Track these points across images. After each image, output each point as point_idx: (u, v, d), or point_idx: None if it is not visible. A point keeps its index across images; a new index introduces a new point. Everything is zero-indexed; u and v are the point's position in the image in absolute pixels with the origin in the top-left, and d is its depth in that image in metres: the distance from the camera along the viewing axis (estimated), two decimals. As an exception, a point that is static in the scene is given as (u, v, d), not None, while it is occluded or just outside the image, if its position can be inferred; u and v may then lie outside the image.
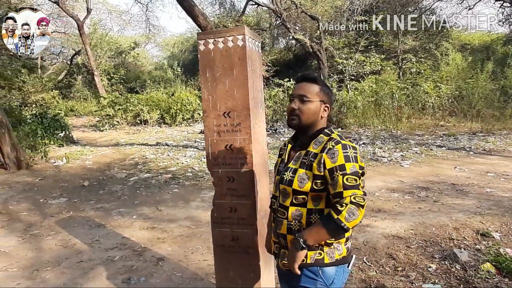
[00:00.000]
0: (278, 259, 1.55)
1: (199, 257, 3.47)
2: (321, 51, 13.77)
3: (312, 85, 1.49)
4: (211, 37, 2.10)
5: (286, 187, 1.46)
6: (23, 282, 3.07)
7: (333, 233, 1.33)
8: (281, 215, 1.50)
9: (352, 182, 1.32)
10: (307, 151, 1.45)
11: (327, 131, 1.48)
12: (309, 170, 1.40)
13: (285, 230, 1.48)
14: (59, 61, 27.29)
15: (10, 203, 5.52)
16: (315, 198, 1.41)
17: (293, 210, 1.45)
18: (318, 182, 1.38)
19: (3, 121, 7.31)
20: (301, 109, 1.46)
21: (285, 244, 1.49)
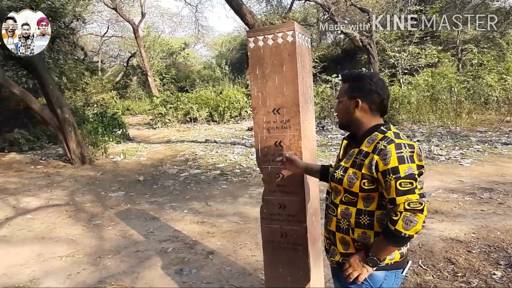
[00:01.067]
0: (328, 255, 1.53)
1: (247, 253, 3.52)
2: (372, 44, 13.24)
3: (343, 84, 1.51)
4: (261, 34, 2.11)
5: (337, 185, 1.43)
6: (88, 268, 3.33)
7: (398, 244, 1.29)
8: (331, 212, 1.49)
9: (407, 186, 1.25)
10: (360, 149, 1.40)
11: (384, 128, 1.40)
12: (359, 170, 1.35)
13: (334, 227, 1.46)
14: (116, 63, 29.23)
15: (76, 195, 6.02)
16: (366, 198, 1.37)
17: (342, 208, 1.42)
18: (365, 182, 1.34)
19: (70, 120, 7.98)
20: (336, 110, 1.53)
21: (334, 241, 1.47)
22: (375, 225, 1.36)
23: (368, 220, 1.36)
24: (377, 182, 1.32)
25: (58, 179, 7.09)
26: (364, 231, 1.37)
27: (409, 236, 1.24)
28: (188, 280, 3.00)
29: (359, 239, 1.38)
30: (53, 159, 8.69)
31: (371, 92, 1.43)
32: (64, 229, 4.43)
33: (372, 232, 1.36)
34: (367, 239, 1.37)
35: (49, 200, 5.74)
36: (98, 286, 2.98)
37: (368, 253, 1.33)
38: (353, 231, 1.39)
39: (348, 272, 1.35)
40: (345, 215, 1.41)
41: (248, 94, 15.13)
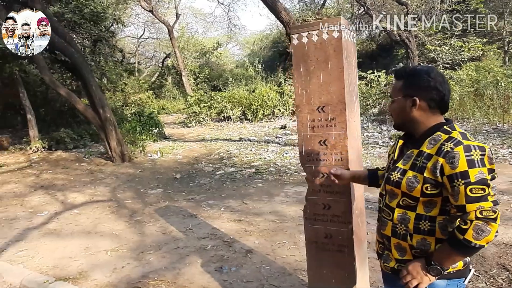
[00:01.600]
0: (381, 260, 1.46)
1: (286, 252, 3.49)
2: (410, 38, 12.71)
3: (397, 81, 1.40)
4: (305, 30, 2.06)
5: (393, 188, 1.35)
6: (132, 262, 3.45)
7: (465, 254, 1.21)
8: (386, 216, 1.40)
9: (478, 193, 1.15)
10: (420, 150, 1.30)
11: (447, 127, 1.29)
12: (420, 173, 1.26)
13: (389, 232, 1.38)
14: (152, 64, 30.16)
15: (118, 191, 6.26)
16: (428, 203, 1.27)
17: (399, 212, 1.33)
18: (428, 187, 1.24)
19: (111, 119, 8.31)
20: (390, 109, 1.44)
21: (389, 246, 1.39)
22: (437, 231, 1.27)
23: (429, 226, 1.27)
24: (441, 187, 1.23)
25: (101, 176, 7.41)
26: (423, 237, 1.28)
27: (479, 247, 1.16)
28: (228, 278, 3.02)
29: (418, 246, 1.29)
30: (95, 156, 9.10)
31: (429, 88, 1.31)
32: (108, 224, 4.62)
33: (433, 238, 1.27)
34: (427, 246, 1.28)
35: (93, 196, 6.01)
36: (142, 281, 3.07)
37: (430, 261, 1.24)
38: (411, 237, 1.30)
39: (407, 280, 1.27)
40: (402, 220, 1.32)
41: (281, 92, 15.06)
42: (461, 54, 13.25)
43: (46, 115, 12.34)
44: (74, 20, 9.79)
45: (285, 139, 10.01)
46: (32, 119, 9.97)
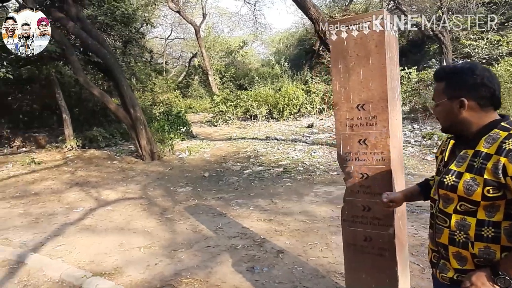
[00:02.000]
0: (436, 269, 1.36)
1: (318, 253, 3.41)
2: (444, 33, 12.19)
3: (438, 83, 1.32)
4: (344, 25, 1.98)
5: (448, 193, 1.25)
6: (164, 260, 3.49)
7: None
8: (441, 222, 1.29)
9: None
10: (476, 150, 1.20)
11: (505, 124, 1.19)
12: (479, 175, 1.16)
13: (446, 240, 1.27)
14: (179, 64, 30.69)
15: (148, 189, 6.39)
16: (489, 207, 1.17)
17: (457, 218, 1.23)
18: (490, 189, 1.14)
19: (141, 118, 8.51)
20: (435, 113, 1.37)
21: (446, 255, 1.29)
22: (502, 238, 1.16)
23: (493, 233, 1.17)
24: (504, 189, 1.13)
25: (132, 174, 7.59)
26: (487, 245, 1.18)
27: None
28: (260, 279, 2.99)
29: (481, 255, 1.19)
30: (126, 155, 9.35)
31: (476, 86, 1.22)
32: (140, 221, 4.71)
33: (498, 246, 1.17)
34: (492, 255, 1.17)
35: (125, 193, 6.16)
36: (175, 278, 3.09)
37: (497, 271, 1.14)
38: (472, 245, 1.20)
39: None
40: (461, 227, 1.22)
41: (307, 91, 14.88)
42: (498, 49, 12.56)
43: (80, 114, 12.82)
44: (106, 22, 10.10)
45: (313, 138, 9.88)
46: (67, 118, 10.38)
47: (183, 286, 2.97)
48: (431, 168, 6.37)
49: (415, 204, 4.43)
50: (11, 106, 12.38)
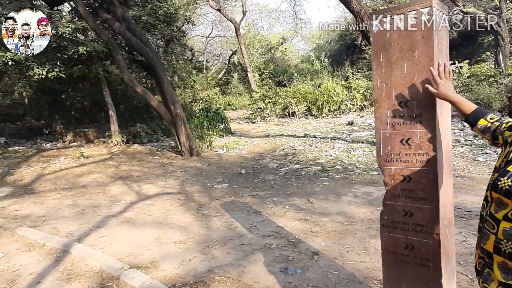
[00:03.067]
0: (480, 278, 1.21)
1: (355, 257, 3.26)
2: (501, 23, 11.22)
3: None
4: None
5: (502, 198, 1.09)
6: (198, 256, 3.51)
7: None
8: (489, 227, 1.16)
9: None
10: None
11: None
12: None
13: (491, 248, 1.13)
14: (219, 61, 31.15)
15: (186, 184, 6.52)
16: None
17: (506, 226, 1.08)
18: None
19: (181, 115, 8.71)
20: None
21: (490, 264, 1.14)
22: None
23: None
24: None
25: (171, 169, 7.80)
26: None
27: None
28: (293, 281, 2.91)
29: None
30: (166, 150, 9.63)
31: None
32: (177, 216, 4.81)
33: None
34: None
35: (164, 188, 6.33)
36: (208, 275, 3.10)
37: None
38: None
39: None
40: (509, 236, 1.08)
41: (348, 87, 14.43)
42: None
43: (125, 111, 13.43)
44: (149, 22, 10.44)
45: (353, 136, 9.55)
46: (113, 115, 10.90)
47: (216, 283, 2.96)
48: (482, 170, 5.89)
49: (464, 209, 4.10)
50: (64, 103, 13.26)
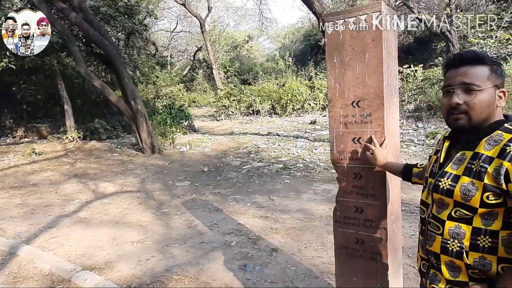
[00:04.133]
0: (426, 279, 1.26)
1: (312, 253, 3.35)
2: (451, 31, 11.98)
3: (478, 67, 1.11)
4: (341, 18, 1.89)
5: (444, 197, 1.15)
6: (156, 255, 3.44)
7: None
8: (433, 229, 1.19)
9: None
10: (475, 152, 1.10)
11: (509, 125, 1.09)
12: (478, 179, 1.06)
13: (438, 249, 1.17)
14: (184, 57, 30.58)
15: (147, 182, 6.35)
16: (487, 215, 1.07)
17: (451, 225, 1.13)
18: (490, 196, 1.04)
19: (142, 111, 8.46)
20: (470, 103, 1.10)
21: (437, 265, 1.19)
22: (500, 249, 1.06)
23: (490, 243, 1.07)
24: (505, 196, 1.03)
25: (131, 167, 7.56)
26: (483, 255, 1.08)
27: None
28: (252, 278, 2.93)
29: (476, 266, 1.09)
30: (126, 147, 9.32)
31: (505, 78, 1.15)
32: (136, 215, 4.67)
33: (494, 257, 1.07)
34: (487, 266, 1.08)
35: (123, 186, 6.12)
36: (166, 275, 3.04)
37: (494, 286, 1.06)
38: (467, 255, 1.10)
39: None
40: (455, 235, 1.12)
41: (312, 87, 14.73)
42: (507, 48, 12.33)
43: (82, 106, 12.81)
44: (109, 13, 10.01)
45: (315, 134, 9.78)
46: (69, 109, 10.36)
47: (173, 282, 2.92)
48: (433, 168, 6.26)
49: (414, 205, 4.34)
50: (14, 96, 12.40)
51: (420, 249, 1.31)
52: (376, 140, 1.83)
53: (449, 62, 1.19)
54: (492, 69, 1.12)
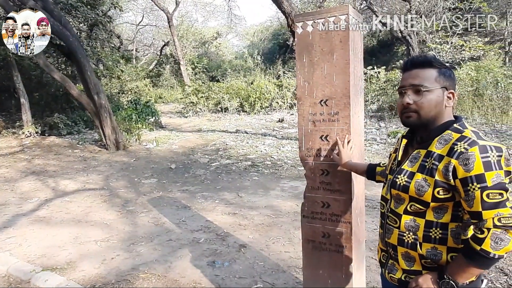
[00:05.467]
0: (385, 269, 1.36)
1: (280, 248, 3.42)
2: (412, 35, 12.59)
3: (427, 70, 1.21)
4: (310, 19, 1.95)
5: (400, 193, 1.24)
6: (122, 254, 3.36)
7: (483, 266, 1.09)
8: (391, 222, 1.29)
9: (496, 198, 1.05)
10: (428, 151, 1.19)
11: (458, 126, 1.19)
12: (430, 176, 1.15)
13: (395, 241, 1.27)
14: (150, 52, 29.75)
15: (111, 180, 6.15)
16: (438, 208, 1.17)
17: (407, 219, 1.23)
18: (440, 191, 1.14)
19: (106, 106, 8.16)
20: (419, 102, 1.20)
21: (394, 256, 1.29)
22: (449, 239, 1.17)
23: (440, 234, 1.17)
24: (453, 191, 1.13)
25: (94, 164, 7.29)
26: (434, 246, 1.18)
27: (498, 257, 1.05)
28: (220, 273, 2.95)
29: (429, 255, 1.19)
30: (89, 143, 8.96)
31: (455, 81, 1.24)
32: (99, 213, 4.52)
33: (444, 247, 1.18)
34: (438, 256, 1.18)
35: (85, 184, 5.90)
36: (132, 273, 2.98)
37: (442, 274, 1.15)
38: (421, 246, 1.20)
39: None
40: (410, 228, 1.22)
41: (280, 85, 14.90)
42: (461, 53, 13.17)
43: (40, 99, 12.14)
44: (70, 3, 9.54)
45: (283, 132, 9.92)
46: (26, 103, 9.79)
47: (140, 281, 2.87)
48: (394, 166, 6.57)
49: (377, 201, 4.55)
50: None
51: (380, 242, 1.40)
52: (341, 142, 1.90)
53: (403, 66, 1.30)
54: (440, 71, 1.22)
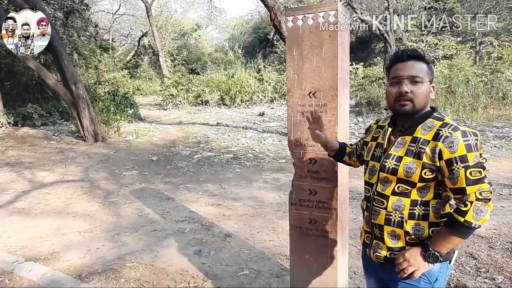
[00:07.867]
0: (370, 250, 1.46)
1: (264, 237, 3.51)
2: (389, 33, 12.93)
3: (420, 63, 1.34)
4: (301, 13, 2.02)
5: (389, 176, 1.35)
6: (107, 244, 3.35)
7: (465, 235, 1.24)
8: (378, 204, 1.39)
9: (477, 175, 1.20)
10: (414, 137, 1.32)
11: (437, 114, 1.33)
12: (418, 159, 1.27)
13: (382, 221, 1.38)
14: (127, 42, 29.01)
15: (91, 171, 6.05)
16: (422, 188, 1.30)
17: (394, 199, 1.34)
18: (426, 172, 1.27)
19: (84, 96, 7.96)
20: (415, 92, 1.31)
21: (380, 236, 1.39)
22: (431, 215, 1.30)
23: (423, 211, 1.30)
24: (437, 171, 1.26)
25: (72, 155, 7.12)
26: (417, 222, 1.31)
27: (478, 227, 1.21)
28: (207, 261, 3.01)
29: (413, 232, 1.31)
30: (65, 135, 8.73)
31: None
32: (81, 204, 4.46)
33: (426, 223, 1.31)
34: (421, 231, 1.31)
35: (64, 176, 5.77)
36: (118, 262, 2.99)
37: (427, 247, 1.27)
38: (406, 223, 1.32)
39: (403, 267, 1.29)
40: (397, 207, 1.33)
41: (260, 79, 14.96)
42: (435, 52, 13.66)
43: (11, 89, 11.64)
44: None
45: (263, 126, 10.01)
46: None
47: (127, 270, 2.89)
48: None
49: (355, 192, 4.72)
50: None
51: (365, 224, 1.51)
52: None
53: (397, 57, 1.40)
54: (428, 66, 1.37)
